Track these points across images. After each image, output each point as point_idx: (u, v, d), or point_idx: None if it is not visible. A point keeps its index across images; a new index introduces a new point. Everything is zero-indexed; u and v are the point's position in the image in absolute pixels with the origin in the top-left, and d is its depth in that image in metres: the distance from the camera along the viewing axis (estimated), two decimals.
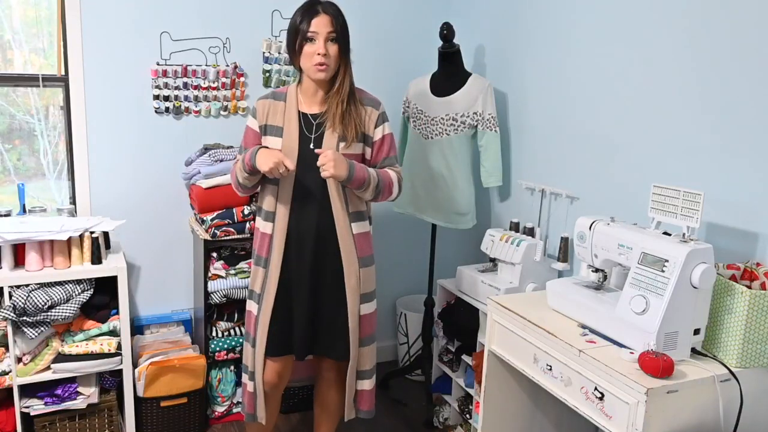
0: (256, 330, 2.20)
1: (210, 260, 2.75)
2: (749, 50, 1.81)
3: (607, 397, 1.61)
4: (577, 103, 2.46)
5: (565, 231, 2.47)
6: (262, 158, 2.01)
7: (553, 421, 2.26)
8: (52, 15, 2.68)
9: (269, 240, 2.15)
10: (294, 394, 2.97)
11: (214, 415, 2.88)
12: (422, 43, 3.24)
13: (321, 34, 2.02)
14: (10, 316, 2.29)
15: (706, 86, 1.94)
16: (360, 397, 2.30)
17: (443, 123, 2.75)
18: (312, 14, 2.03)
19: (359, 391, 2.29)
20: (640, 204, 2.13)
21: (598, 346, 1.72)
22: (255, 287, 2.21)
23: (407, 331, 3.36)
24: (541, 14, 2.65)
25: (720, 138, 1.91)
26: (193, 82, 2.87)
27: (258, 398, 2.24)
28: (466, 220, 2.81)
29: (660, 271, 1.64)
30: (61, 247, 2.42)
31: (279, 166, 1.97)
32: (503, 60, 2.90)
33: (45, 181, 2.86)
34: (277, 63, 3.00)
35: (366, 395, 2.30)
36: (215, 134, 2.95)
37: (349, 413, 2.30)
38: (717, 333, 1.70)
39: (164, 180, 2.92)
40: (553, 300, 1.99)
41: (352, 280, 2.17)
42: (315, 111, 2.14)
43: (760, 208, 1.81)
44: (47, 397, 2.47)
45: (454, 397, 2.87)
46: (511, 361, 2.00)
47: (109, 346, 2.49)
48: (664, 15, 2.07)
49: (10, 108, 2.75)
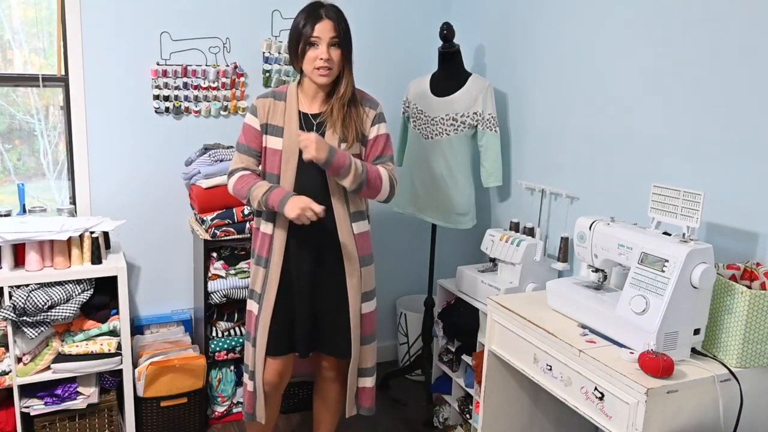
0: (256, 330, 2.20)
1: (210, 260, 2.75)
2: (749, 50, 1.81)
3: (607, 397, 1.61)
4: (577, 103, 2.46)
5: (565, 231, 2.47)
6: (289, 207, 1.98)
7: (553, 421, 2.26)
8: (52, 15, 2.68)
9: (270, 240, 2.15)
10: (294, 394, 2.97)
11: (214, 415, 2.88)
12: (422, 43, 3.24)
13: (324, 39, 2.02)
14: (10, 316, 2.29)
15: (706, 86, 1.94)
16: (361, 394, 2.32)
17: (443, 123, 2.75)
18: (315, 19, 2.02)
19: (361, 388, 2.31)
20: (640, 204, 2.13)
21: (598, 346, 1.72)
22: (255, 287, 2.21)
23: (407, 331, 3.36)
24: (541, 14, 2.65)
25: (720, 138, 1.91)
26: (193, 82, 2.87)
27: (258, 398, 2.24)
28: (466, 220, 2.81)
29: (660, 271, 1.64)
30: (61, 247, 2.42)
31: (306, 211, 1.96)
32: (503, 60, 2.90)
33: (45, 181, 2.85)
34: (277, 63, 3.00)
35: (367, 392, 2.32)
36: (215, 134, 2.95)
37: (350, 410, 2.31)
38: (717, 333, 1.70)
39: (164, 180, 2.92)
40: (553, 300, 1.99)
41: (353, 278, 2.17)
42: (315, 111, 2.14)
43: (760, 208, 1.81)
44: (47, 397, 2.47)
45: (454, 397, 2.87)
46: (511, 361, 2.00)
47: (109, 346, 2.49)
48: (665, 15, 2.07)
49: (10, 108, 2.75)
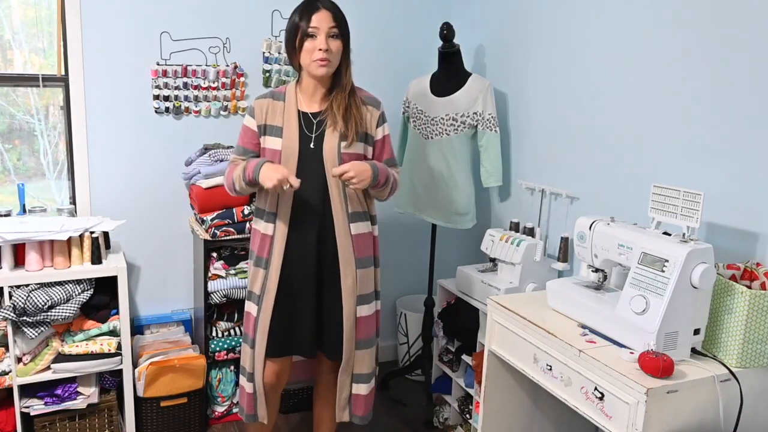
0: (255, 331, 2.19)
1: (210, 260, 2.75)
2: (749, 50, 1.81)
3: (607, 397, 1.61)
4: (577, 103, 2.46)
5: (565, 231, 2.47)
6: (265, 174, 1.97)
7: (553, 421, 2.25)
8: (52, 15, 2.68)
9: (270, 241, 2.14)
10: (294, 394, 2.97)
11: (214, 415, 2.88)
12: (422, 43, 3.24)
13: (322, 29, 2.01)
14: (10, 316, 2.29)
15: (706, 86, 1.94)
16: (355, 401, 2.26)
17: (443, 123, 2.75)
18: (312, 10, 2.02)
19: (354, 395, 2.26)
20: (640, 204, 2.13)
21: (598, 346, 1.72)
22: (254, 288, 2.20)
23: (407, 331, 3.36)
24: (541, 14, 2.65)
25: (720, 138, 1.91)
26: (193, 82, 2.87)
27: (258, 398, 2.24)
28: (466, 220, 2.81)
29: (660, 271, 1.64)
30: (61, 247, 2.42)
31: (283, 183, 1.95)
32: (503, 60, 2.90)
33: (45, 181, 2.85)
34: (277, 63, 3.00)
35: (361, 400, 2.26)
36: (215, 134, 2.96)
37: (340, 415, 2.26)
38: (717, 333, 1.70)
39: (164, 180, 2.92)
40: (553, 300, 1.99)
41: (348, 280, 2.15)
42: (315, 110, 2.13)
43: (760, 208, 1.80)
44: (47, 397, 2.47)
45: (454, 397, 2.87)
46: (511, 361, 2.00)
47: (109, 346, 2.49)
48: (665, 15, 2.07)
49: (10, 108, 2.75)
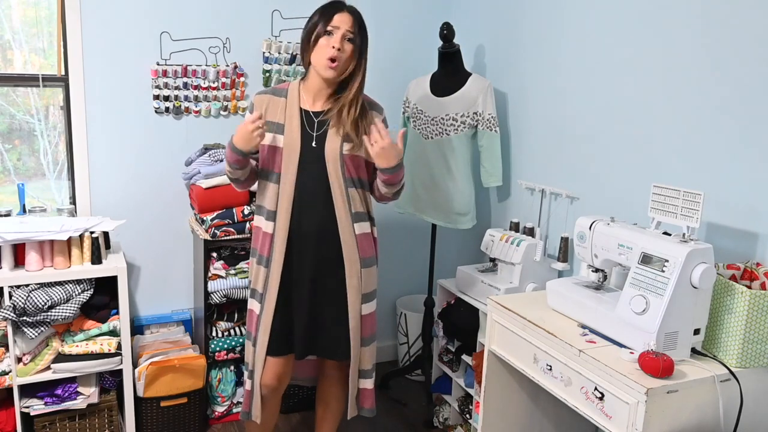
0: (257, 329, 2.19)
1: (210, 260, 2.75)
2: (749, 50, 1.81)
3: (607, 397, 1.61)
4: (577, 103, 2.46)
5: (565, 231, 2.47)
6: (237, 138, 2.01)
7: (553, 421, 2.26)
8: (52, 15, 2.68)
9: (271, 239, 2.14)
10: (294, 394, 2.97)
11: (214, 415, 2.88)
12: (422, 43, 3.25)
13: (340, 29, 2.01)
14: (10, 316, 2.29)
15: (706, 86, 1.94)
16: (362, 395, 2.32)
17: (443, 123, 2.75)
18: (336, 9, 2.03)
19: (361, 389, 2.31)
20: (640, 204, 2.14)
21: (598, 346, 1.72)
22: (257, 286, 2.20)
23: (407, 331, 3.36)
24: (541, 14, 2.65)
25: (720, 138, 1.91)
26: (193, 82, 2.87)
27: (254, 397, 2.24)
28: (466, 220, 2.81)
29: (660, 271, 1.64)
30: (61, 247, 2.42)
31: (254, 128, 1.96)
32: (503, 60, 2.90)
33: (45, 181, 2.85)
34: (277, 63, 3.00)
35: (368, 393, 2.32)
36: (215, 134, 2.95)
37: (351, 411, 2.32)
38: (717, 333, 1.70)
39: (164, 180, 2.92)
40: (553, 300, 1.99)
41: (354, 279, 2.16)
42: (317, 109, 2.12)
43: (760, 208, 1.81)
44: (47, 397, 2.47)
45: (454, 397, 2.87)
46: (511, 361, 2.00)
47: (109, 346, 2.49)
48: (664, 15, 2.07)
49: (10, 108, 2.75)
